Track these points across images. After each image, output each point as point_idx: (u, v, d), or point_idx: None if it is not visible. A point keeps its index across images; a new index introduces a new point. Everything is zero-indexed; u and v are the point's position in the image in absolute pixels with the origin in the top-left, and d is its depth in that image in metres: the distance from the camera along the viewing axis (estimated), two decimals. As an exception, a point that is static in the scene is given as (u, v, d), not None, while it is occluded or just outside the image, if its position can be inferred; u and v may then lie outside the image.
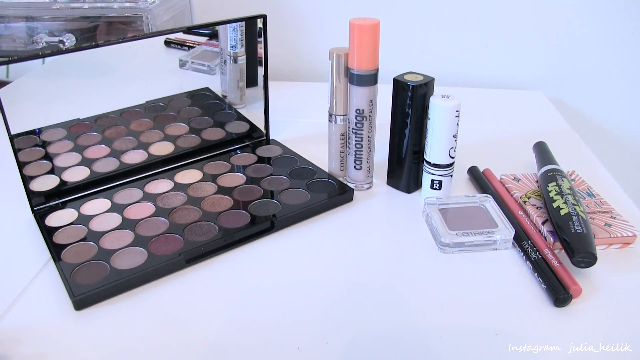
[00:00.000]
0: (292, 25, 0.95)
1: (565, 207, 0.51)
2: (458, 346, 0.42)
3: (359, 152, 0.60)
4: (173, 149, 0.67)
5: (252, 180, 0.62)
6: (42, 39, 0.80)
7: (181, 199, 0.58)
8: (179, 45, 0.87)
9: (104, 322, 0.44)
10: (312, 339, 0.42)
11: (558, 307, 0.45)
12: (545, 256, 0.50)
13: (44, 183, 0.59)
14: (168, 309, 0.45)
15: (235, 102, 0.75)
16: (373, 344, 0.42)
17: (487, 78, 0.95)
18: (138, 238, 0.52)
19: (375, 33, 0.54)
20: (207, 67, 0.80)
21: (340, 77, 0.58)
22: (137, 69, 0.80)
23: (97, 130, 0.68)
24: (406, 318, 0.44)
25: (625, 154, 0.99)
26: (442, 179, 0.58)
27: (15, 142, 0.53)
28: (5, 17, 0.80)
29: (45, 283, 0.48)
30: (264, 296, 0.47)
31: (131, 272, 0.47)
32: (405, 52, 0.95)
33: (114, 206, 0.57)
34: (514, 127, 0.78)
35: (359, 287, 0.48)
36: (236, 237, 0.53)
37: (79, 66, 0.75)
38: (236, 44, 0.71)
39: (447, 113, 0.54)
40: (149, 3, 0.82)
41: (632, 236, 0.51)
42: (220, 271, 0.50)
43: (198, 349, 0.41)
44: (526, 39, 0.92)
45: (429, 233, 0.55)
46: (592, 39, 0.91)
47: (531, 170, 0.65)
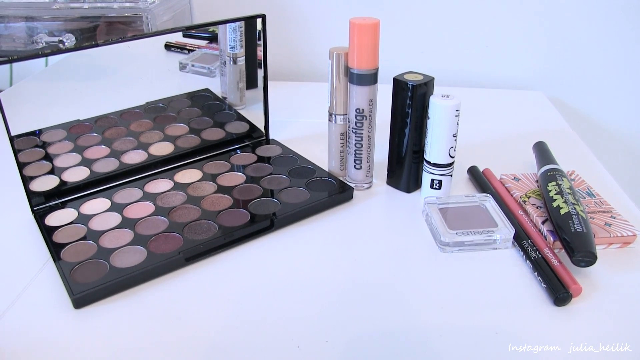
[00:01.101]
0: (292, 25, 0.95)
1: (565, 206, 0.51)
2: (458, 345, 0.42)
3: (359, 152, 0.60)
4: (173, 149, 0.67)
5: (252, 180, 0.62)
6: (42, 39, 0.81)
7: (181, 198, 0.58)
8: (178, 49, 0.87)
9: (103, 321, 0.44)
10: (312, 338, 0.42)
11: (558, 306, 0.45)
12: (545, 255, 0.49)
13: (44, 183, 0.59)
14: (167, 307, 0.45)
15: (235, 103, 0.75)
16: (372, 343, 0.42)
17: (487, 78, 0.95)
18: (137, 237, 0.52)
19: (375, 33, 0.55)
20: (207, 69, 0.80)
21: (340, 76, 0.58)
22: (137, 71, 0.80)
23: (97, 131, 0.68)
24: (406, 317, 0.44)
25: (625, 154, 0.99)
26: (442, 178, 0.58)
27: (16, 143, 0.53)
28: (5, 17, 0.80)
29: (45, 282, 0.48)
30: (263, 294, 0.47)
31: (131, 271, 0.47)
32: (405, 52, 0.95)
33: (113, 206, 0.57)
34: (514, 127, 0.78)
35: (358, 285, 0.48)
36: (236, 236, 0.53)
37: (79, 68, 0.76)
38: (236, 45, 0.71)
39: (447, 113, 0.54)
40: (149, 3, 0.82)
41: (632, 236, 0.51)
42: (220, 270, 0.50)
43: (198, 347, 0.41)
44: (526, 39, 0.92)
45: (428, 232, 0.55)
46: (592, 39, 0.91)
47: (531, 170, 0.65)
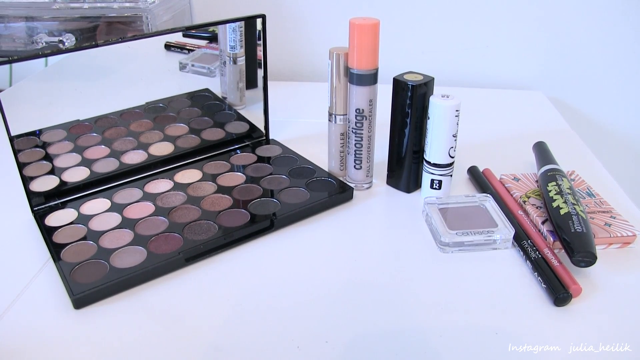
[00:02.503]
0: (292, 25, 0.95)
1: (565, 206, 0.51)
2: (458, 345, 0.42)
3: (359, 152, 0.60)
4: (173, 149, 0.67)
5: (252, 180, 0.62)
6: (42, 39, 0.81)
7: (181, 198, 0.58)
8: (178, 49, 0.87)
9: (103, 321, 0.44)
10: (312, 338, 0.42)
11: (558, 306, 0.45)
12: (545, 255, 0.49)
13: (44, 183, 0.59)
14: (167, 307, 0.45)
15: (235, 103, 0.75)
16: (372, 343, 0.42)
17: (487, 78, 0.95)
18: (137, 237, 0.52)
19: (375, 33, 0.55)
20: (207, 69, 0.80)
21: (340, 76, 0.58)
22: (137, 71, 0.80)
23: (97, 131, 0.68)
24: (406, 317, 0.44)
25: (625, 154, 0.99)
26: (442, 178, 0.58)
27: (16, 143, 0.53)
28: (5, 17, 0.80)
29: (45, 282, 0.48)
30: (263, 295, 0.47)
31: (130, 271, 0.47)
32: (405, 52, 0.95)
33: (113, 206, 0.57)
34: (514, 127, 0.78)
35: (358, 286, 0.48)
36: (236, 236, 0.53)
37: (79, 68, 0.75)
38: (235, 45, 0.71)
39: (446, 113, 0.54)
40: (149, 3, 0.82)
41: (632, 236, 0.51)
42: (220, 270, 0.50)
43: (197, 348, 0.41)
44: (526, 39, 0.92)
45: (428, 232, 0.55)
46: (592, 39, 0.91)
47: (531, 170, 0.65)
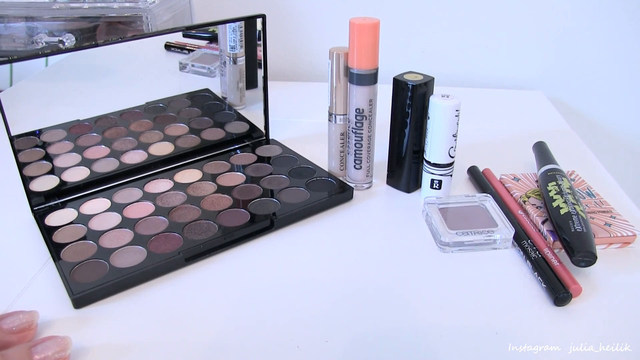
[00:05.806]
0: (292, 25, 0.95)
1: (565, 206, 0.51)
2: (458, 345, 0.42)
3: (359, 152, 0.60)
4: (173, 149, 0.67)
5: (252, 180, 0.62)
6: (42, 39, 0.81)
7: (181, 198, 0.58)
8: (178, 49, 0.87)
9: (103, 321, 0.44)
10: (312, 338, 0.42)
11: (558, 306, 0.45)
12: (545, 255, 0.49)
13: (44, 183, 0.59)
14: (167, 307, 0.45)
15: (235, 103, 0.75)
16: (372, 343, 0.42)
17: (487, 78, 0.95)
18: (137, 237, 0.52)
19: (375, 32, 0.55)
20: (207, 69, 0.80)
21: (340, 76, 0.58)
22: (137, 71, 0.80)
23: (97, 131, 0.68)
24: (405, 317, 0.44)
25: (625, 154, 0.99)
26: (442, 178, 0.58)
27: (16, 143, 0.53)
28: (5, 17, 0.80)
29: (45, 282, 0.48)
30: (263, 294, 0.47)
31: (130, 271, 0.47)
32: (405, 52, 0.95)
33: (113, 206, 0.57)
34: (514, 127, 0.78)
35: (358, 286, 0.48)
36: (236, 236, 0.53)
37: (79, 68, 0.76)
38: (235, 45, 0.71)
39: (446, 112, 0.54)
40: (149, 3, 0.82)
41: (632, 236, 0.51)
42: (220, 270, 0.50)
43: (197, 348, 0.41)
44: (526, 39, 0.92)
45: (428, 232, 0.55)
46: (592, 39, 0.91)
47: (531, 170, 0.65)
